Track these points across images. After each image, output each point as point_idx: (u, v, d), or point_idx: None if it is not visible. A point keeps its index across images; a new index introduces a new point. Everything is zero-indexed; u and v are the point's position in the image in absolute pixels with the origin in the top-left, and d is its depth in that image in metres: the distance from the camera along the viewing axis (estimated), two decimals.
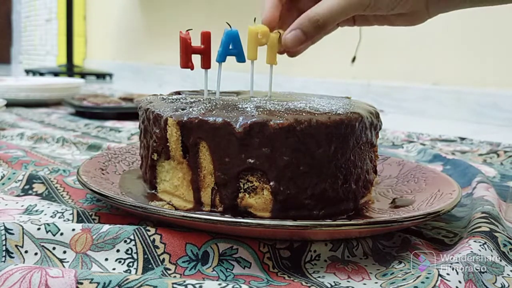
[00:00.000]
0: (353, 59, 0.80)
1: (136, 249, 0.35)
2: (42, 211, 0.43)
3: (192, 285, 0.29)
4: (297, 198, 0.39)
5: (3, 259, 0.34)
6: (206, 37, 0.45)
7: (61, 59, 3.23)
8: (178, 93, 0.53)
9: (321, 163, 0.39)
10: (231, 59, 0.46)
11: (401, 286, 0.31)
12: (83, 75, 2.60)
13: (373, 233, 0.39)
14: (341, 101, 0.47)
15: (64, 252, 0.35)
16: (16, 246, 0.34)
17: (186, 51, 0.45)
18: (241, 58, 0.46)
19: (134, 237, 0.35)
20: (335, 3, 0.46)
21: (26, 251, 0.35)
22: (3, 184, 0.51)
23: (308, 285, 0.33)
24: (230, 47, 0.46)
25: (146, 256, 0.35)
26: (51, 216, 0.42)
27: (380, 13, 0.49)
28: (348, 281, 0.35)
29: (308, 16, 0.47)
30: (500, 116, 1.22)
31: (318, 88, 1.61)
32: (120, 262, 0.35)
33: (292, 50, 0.49)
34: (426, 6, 0.49)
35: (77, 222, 0.42)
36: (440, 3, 0.49)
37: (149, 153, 0.44)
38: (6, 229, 0.35)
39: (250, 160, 0.39)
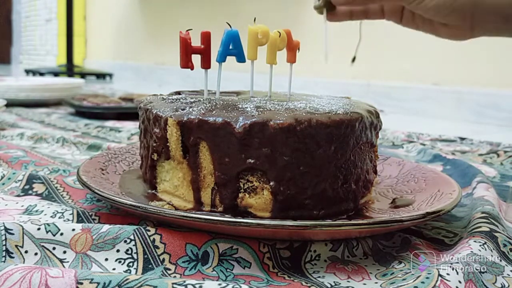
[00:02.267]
0: (353, 59, 0.80)
1: (136, 249, 0.35)
2: (42, 211, 0.43)
3: (192, 285, 0.29)
4: (297, 198, 0.39)
5: (3, 259, 0.34)
6: (206, 37, 0.45)
7: (61, 59, 3.24)
8: (178, 93, 0.53)
9: (321, 163, 0.39)
10: (231, 59, 0.46)
11: (401, 286, 0.31)
12: (83, 75, 2.60)
13: (373, 233, 0.39)
14: (341, 101, 0.47)
15: (64, 252, 0.35)
16: (16, 246, 0.34)
17: (186, 51, 0.45)
18: (241, 58, 0.46)
19: (134, 237, 0.35)
20: None
21: (26, 251, 0.35)
22: (3, 184, 0.51)
23: (308, 285, 0.33)
24: (230, 47, 0.46)
25: (146, 256, 0.35)
26: (51, 216, 0.42)
27: (422, 13, 0.52)
28: (348, 281, 0.35)
29: None
30: (500, 116, 1.22)
31: (318, 88, 1.61)
32: (120, 262, 0.35)
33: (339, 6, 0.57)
34: (471, 26, 0.52)
35: (77, 222, 0.42)
36: (487, 27, 0.51)
37: (149, 153, 0.44)
38: (6, 229, 0.35)
39: (250, 160, 0.39)
